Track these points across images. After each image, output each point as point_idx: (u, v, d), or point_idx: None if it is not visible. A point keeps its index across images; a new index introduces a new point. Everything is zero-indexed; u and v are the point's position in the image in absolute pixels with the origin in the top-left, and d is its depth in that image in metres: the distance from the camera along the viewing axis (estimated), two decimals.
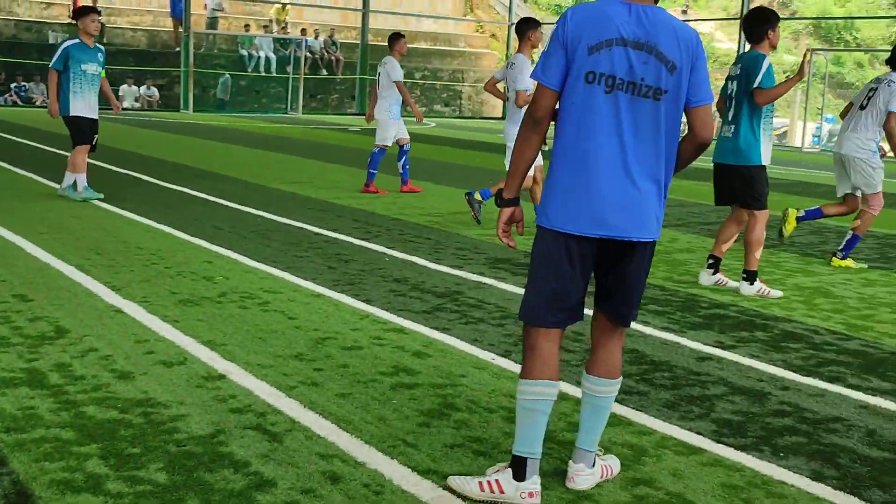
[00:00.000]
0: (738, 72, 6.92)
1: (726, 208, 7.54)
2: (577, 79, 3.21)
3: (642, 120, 3.20)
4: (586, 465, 3.49)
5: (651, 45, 3.17)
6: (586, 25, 3.19)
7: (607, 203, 3.22)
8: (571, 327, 5.60)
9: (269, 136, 21.24)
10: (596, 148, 3.22)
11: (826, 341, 5.74)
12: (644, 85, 3.17)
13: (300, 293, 6.27)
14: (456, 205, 10.99)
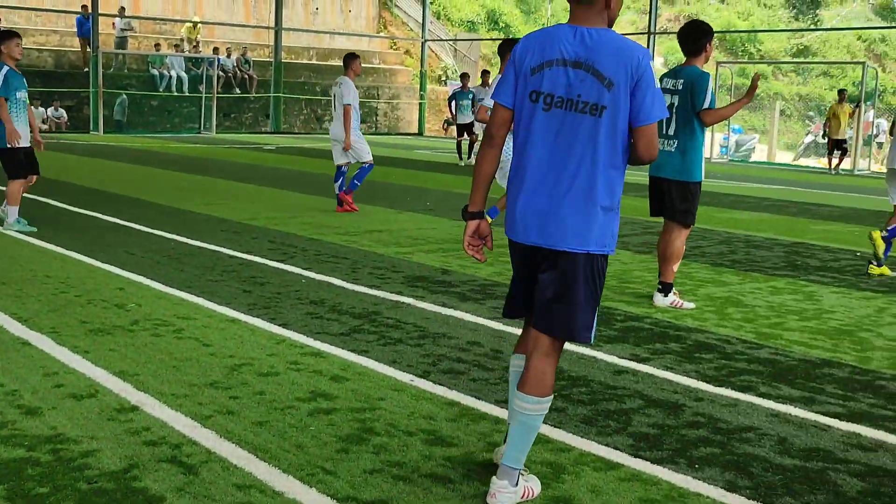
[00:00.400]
0: (679, 87, 6.91)
1: (637, 217, 7.64)
2: (523, 98, 3.46)
3: (580, 135, 3.37)
4: (510, 483, 3.49)
5: (589, 63, 3.35)
6: (532, 48, 3.45)
7: (528, 212, 3.45)
8: (491, 345, 5.65)
9: (182, 157, 20.93)
10: (527, 162, 3.46)
11: (737, 351, 5.87)
12: (580, 101, 3.36)
13: (215, 319, 6.17)
14: (374, 223, 10.97)
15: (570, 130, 3.37)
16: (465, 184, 16.33)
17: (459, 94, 21.40)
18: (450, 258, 8.80)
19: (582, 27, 3.40)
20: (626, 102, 3.35)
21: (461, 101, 21.21)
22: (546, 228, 3.41)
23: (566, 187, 3.38)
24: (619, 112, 3.35)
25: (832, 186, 19.61)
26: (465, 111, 21.14)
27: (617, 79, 3.33)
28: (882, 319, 6.89)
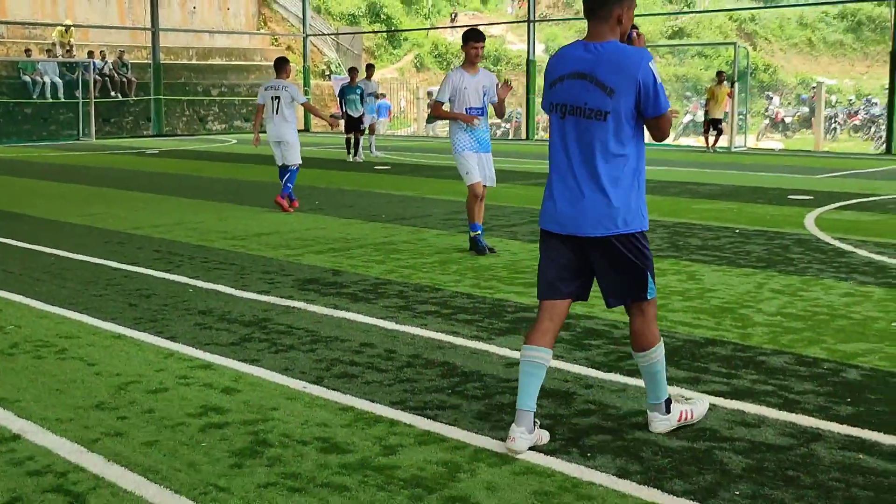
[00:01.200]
0: None
1: (525, 206, 7.73)
2: (548, 109, 4.10)
3: (591, 137, 3.93)
4: (660, 413, 4.24)
5: (593, 74, 3.90)
6: (553, 65, 4.08)
7: (558, 206, 4.04)
8: (384, 345, 5.63)
9: (60, 166, 20.29)
10: (554, 163, 4.09)
11: (624, 335, 5.98)
12: (587, 108, 3.92)
13: (100, 336, 6.01)
14: (262, 225, 10.84)
15: (582, 134, 3.94)
16: (353, 180, 16.27)
17: (347, 89, 21.05)
18: (340, 258, 8.75)
19: (591, 42, 3.97)
20: (629, 104, 3.89)
21: (349, 95, 20.87)
22: (575, 220, 3.98)
23: (586, 183, 3.95)
24: (620, 114, 3.89)
25: (711, 165, 20.19)
26: (353, 106, 20.81)
27: (617, 86, 3.87)
28: (761, 295, 7.13)
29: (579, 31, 54.64)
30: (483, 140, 8.95)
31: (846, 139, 36.47)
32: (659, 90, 3.90)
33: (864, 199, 13.28)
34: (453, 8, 53.79)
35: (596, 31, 3.98)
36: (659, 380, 4.25)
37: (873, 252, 8.95)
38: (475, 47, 8.78)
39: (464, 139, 8.88)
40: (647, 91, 3.88)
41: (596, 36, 3.97)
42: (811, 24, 60.80)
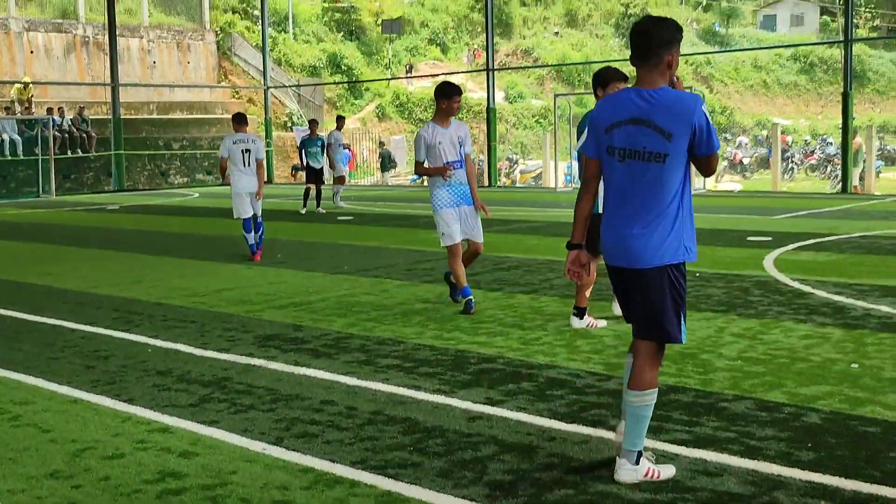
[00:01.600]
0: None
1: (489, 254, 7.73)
2: (603, 152, 4.29)
3: (649, 178, 4.15)
4: (629, 461, 4.27)
5: (650, 120, 4.12)
6: (604, 112, 4.30)
7: (608, 240, 4.31)
8: (345, 402, 5.56)
9: (19, 224, 20.09)
10: (610, 202, 4.32)
11: (587, 384, 5.99)
12: (646, 152, 4.14)
13: (55, 401, 5.90)
14: (222, 281, 10.76)
15: (640, 175, 4.16)
16: (315, 232, 16.24)
17: (308, 142, 20.93)
18: (301, 312, 8.70)
19: (644, 89, 4.19)
20: (684, 146, 4.12)
21: (310, 147, 20.76)
22: (620, 252, 4.25)
23: (638, 219, 4.18)
24: (678, 155, 4.13)
25: None
26: (315, 158, 20.69)
27: (675, 131, 4.10)
28: (722, 339, 7.16)
29: (538, 79, 55.40)
30: (464, 193, 8.53)
31: (803, 178, 37.07)
32: (711, 132, 4.16)
33: (822, 238, 13.44)
34: (409, 59, 54.23)
35: (647, 78, 4.21)
36: (642, 426, 4.29)
37: (832, 293, 9.04)
38: (450, 102, 8.43)
39: (442, 195, 8.48)
40: (701, 133, 4.13)
41: (648, 83, 4.20)
42: (765, 67, 62.04)
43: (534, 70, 55.71)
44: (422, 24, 59.40)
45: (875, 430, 4.95)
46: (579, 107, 49.12)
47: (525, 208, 20.88)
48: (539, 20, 64.18)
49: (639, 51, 4.21)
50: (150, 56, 39.68)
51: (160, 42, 40.21)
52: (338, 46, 52.59)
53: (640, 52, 4.21)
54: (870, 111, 57.99)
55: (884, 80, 62.95)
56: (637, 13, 62.05)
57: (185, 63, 41.05)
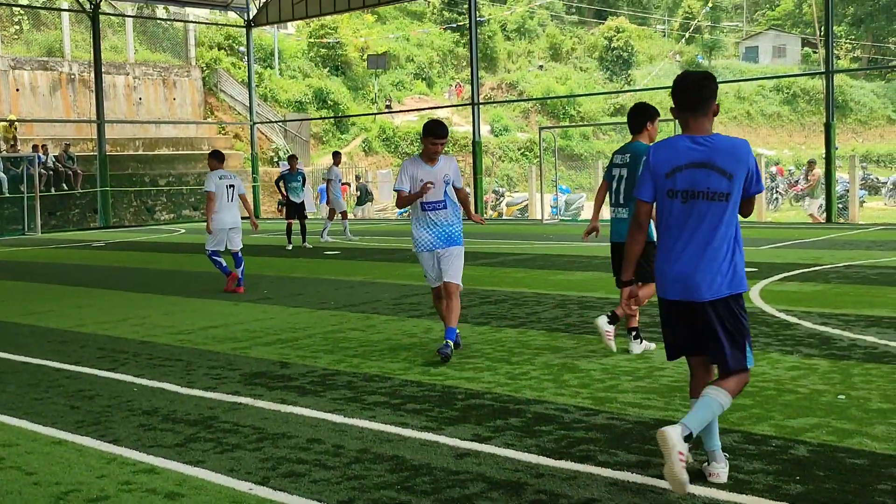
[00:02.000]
0: (627, 160, 7.77)
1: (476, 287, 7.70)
2: (662, 195, 4.67)
3: (711, 216, 4.56)
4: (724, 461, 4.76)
5: (712, 163, 4.56)
6: (663, 158, 4.66)
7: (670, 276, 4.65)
8: (332, 440, 5.53)
9: (4, 263, 19.99)
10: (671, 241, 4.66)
11: (575, 419, 5.98)
12: (710, 192, 4.55)
13: (39, 442, 5.85)
14: (209, 318, 10.72)
15: (703, 214, 4.56)
16: (301, 267, 16.21)
17: (288, 176, 20.86)
18: (288, 349, 8.67)
19: (697, 136, 4.61)
20: (741, 185, 4.57)
21: (290, 182, 20.71)
22: (686, 287, 4.59)
23: (701, 255, 4.56)
24: (736, 193, 4.57)
25: None
26: (295, 193, 20.71)
27: (735, 171, 4.54)
28: None
29: (522, 112, 55.70)
30: (444, 235, 8.13)
31: (788, 209, 37.26)
32: (759, 173, 4.64)
33: (807, 269, 13.50)
34: (388, 95, 54.44)
35: (697, 126, 4.65)
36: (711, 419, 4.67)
37: (817, 323, 9.06)
38: (435, 143, 8.00)
39: (421, 237, 8.18)
40: (752, 174, 4.60)
41: (700, 129, 4.65)
42: (749, 98, 62.55)
43: (519, 103, 56.05)
44: (407, 59, 59.73)
45: (863, 462, 4.95)
46: (564, 139, 49.40)
47: (512, 241, 20.91)
48: (523, 54, 64.64)
49: (690, 102, 4.64)
50: (136, 93, 39.78)
51: (146, 79, 40.32)
52: (324, 82, 52.80)
53: (691, 104, 4.64)
54: (853, 141, 58.51)
55: (865, 110, 63.57)
56: (620, 46, 62.61)
57: (171, 99, 41.15)
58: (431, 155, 8.07)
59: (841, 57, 66.67)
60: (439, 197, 8.09)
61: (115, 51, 42.31)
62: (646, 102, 8.12)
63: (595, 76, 61.78)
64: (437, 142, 8.02)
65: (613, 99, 57.60)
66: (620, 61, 62.81)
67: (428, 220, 8.14)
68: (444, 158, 8.15)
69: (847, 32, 70.61)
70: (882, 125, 63.38)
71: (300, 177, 20.87)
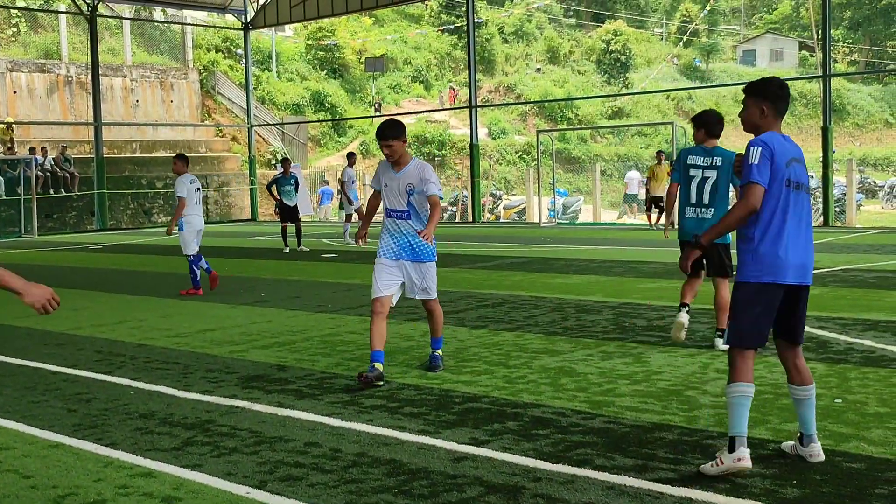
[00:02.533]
0: (718, 162, 8.13)
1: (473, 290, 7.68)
2: (779, 183, 4.94)
3: (805, 205, 5.06)
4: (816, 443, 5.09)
5: (801, 158, 5.09)
6: (780, 148, 4.96)
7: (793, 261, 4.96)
8: (329, 444, 5.53)
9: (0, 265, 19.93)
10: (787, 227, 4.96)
11: (572, 423, 5.98)
12: (804, 185, 5.05)
13: (36, 446, 5.84)
14: (206, 321, 10.71)
15: (805, 204, 5.04)
16: (298, 270, 16.20)
17: (281, 180, 20.49)
18: (285, 352, 8.66)
19: (785, 136, 5.05)
20: None
21: (283, 186, 20.41)
22: (804, 271, 5.00)
23: (808, 241, 5.03)
24: None
25: (654, 243, 20.44)
26: (288, 196, 20.48)
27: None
28: (706, 376, 7.17)
29: (520, 115, 55.75)
30: (408, 246, 7.48)
31: None
32: None
33: None
34: (375, 100, 54.40)
35: (779, 127, 5.10)
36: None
37: (814, 327, 9.07)
38: (383, 146, 7.41)
39: (384, 242, 7.56)
40: None
41: (779, 129, 5.10)
42: None
43: (516, 106, 56.09)
44: (405, 62, 59.78)
45: (859, 466, 4.95)
46: (562, 142, 49.43)
47: (509, 244, 20.93)
48: (521, 57, 64.70)
49: (784, 107, 5.11)
50: (133, 95, 39.77)
51: (143, 81, 40.32)
52: (321, 84, 52.82)
53: (784, 108, 5.12)
54: (850, 144, 58.60)
55: (863, 113, 63.66)
56: (618, 49, 62.67)
57: (169, 102, 41.15)
58: (389, 159, 7.46)
59: (838, 60, 66.75)
60: (402, 207, 7.45)
61: (113, 53, 42.32)
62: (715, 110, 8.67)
63: (593, 79, 61.83)
64: (384, 143, 7.35)
65: (611, 102, 57.61)
66: (618, 64, 62.87)
67: (392, 227, 7.52)
68: (416, 164, 7.48)
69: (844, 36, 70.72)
70: (879, 129, 63.48)
71: (293, 180, 20.66)
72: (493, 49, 62.43)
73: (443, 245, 20.85)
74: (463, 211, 36.58)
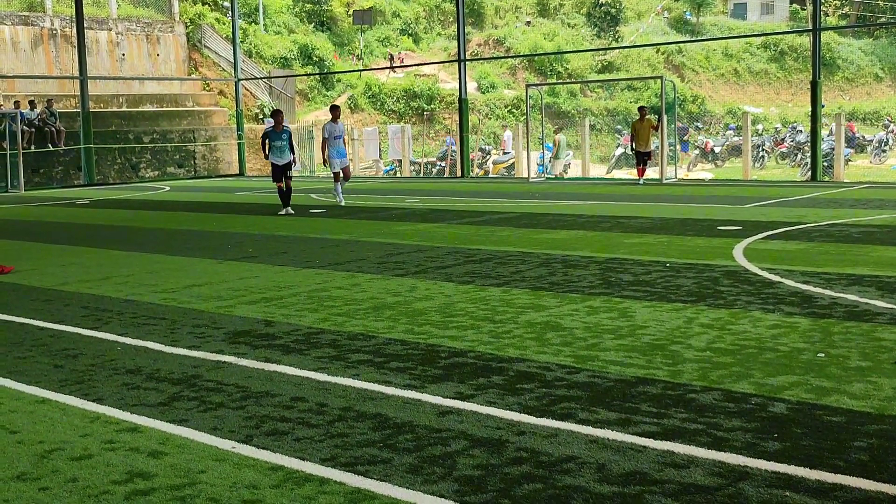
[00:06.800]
0: None
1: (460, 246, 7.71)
2: None
3: None
4: None
5: None
6: None
7: None
8: (316, 399, 5.55)
9: None
10: None
11: (557, 377, 6.01)
12: None
13: (23, 401, 5.86)
14: (193, 276, 10.70)
15: None
16: (286, 226, 16.17)
17: (273, 135, 18.74)
18: (272, 308, 8.67)
19: None
20: None
21: (275, 141, 18.64)
22: None
23: None
24: None
25: (642, 197, 20.46)
26: (279, 153, 18.65)
27: None
28: (691, 330, 7.21)
29: (509, 69, 55.39)
30: None
31: (774, 167, 37.33)
32: None
33: (791, 227, 13.55)
34: (388, 49, 53.95)
35: None
36: None
37: (799, 282, 9.12)
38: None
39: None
40: None
41: None
42: (736, 55, 62.30)
43: (506, 60, 55.70)
44: (393, 15, 59.18)
45: (840, 419, 5.00)
46: (551, 96, 49.17)
47: (497, 200, 20.90)
48: (511, 10, 64.12)
49: None
50: (119, 48, 39.32)
51: (129, 34, 39.84)
52: (309, 38, 52.31)
53: None
54: (840, 99, 58.45)
55: (853, 67, 63.45)
56: (608, 2, 62.16)
57: (155, 55, 40.71)
58: None
59: (829, 14, 66.36)
60: None
61: (98, 5, 41.73)
62: None
63: (583, 32, 61.36)
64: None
65: (601, 56, 57.26)
66: (608, 17, 62.36)
67: None
68: None
69: None
70: (869, 83, 63.31)
71: (286, 135, 18.78)
72: (483, 1, 61.83)
73: (431, 200, 20.82)
74: (451, 165, 36.45)
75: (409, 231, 14.67)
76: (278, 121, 19.07)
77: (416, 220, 16.29)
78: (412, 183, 29.64)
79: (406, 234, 14.31)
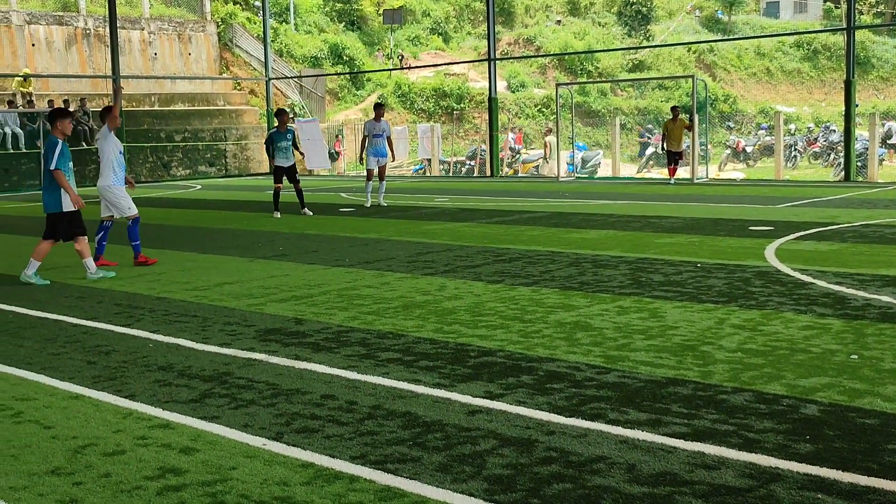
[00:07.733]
0: None
1: (489, 245, 7.71)
2: None
3: None
4: None
5: None
6: None
7: None
8: (346, 397, 5.57)
9: (20, 218, 20.11)
10: None
11: (587, 377, 6.00)
12: None
13: (57, 397, 5.93)
14: (224, 274, 10.77)
15: None
16: (316, 224, 16.23)
17: (276, 136, 18.14)
18: (303, 306, 8.71)
19: None
20: None
21: (279, 142, 18.05)
22: None
23: None
24: None
25: (673, 197, 20.34)
26: (283, 154, 18.12)
27: None
28: (722, 331, 7.17)
29: (539, 68, 55.29)
30: None
31: (806, 167, 36.96)
32: None
33: (824, 227, 13.43)
34: (401, 51, 53.91)
35: None
36: None
37: (832, 283, 9.04)
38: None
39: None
40: None
41: None
42: (769, 54, 61.79)
43: (536, 59, 55.59)
44: (423, 14, 59.21)
45: (873, 422, 4.96)
46: (581, 95, 49.02)
47: (527, 199, 20.86)
48: (541, 8, 63.95)
49: None
50: (152, 48, 39.63)
51: (161, 34, 40.15)
52: (340, 37, 52.46)
53: None
54: (874, 98, 57.81)
55: (888, 66, 62.71)
56: (640, 0, 61.86)
57: (187, 55, 41.00)
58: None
59: (863, 12, 65.65)
60: None
61: (130, 5, 42.09)
62: None
63: (613, 31, 61.09)
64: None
65: (632, 55, 56.99)
66: (639, 16, 62.05)
67: None
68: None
69: None
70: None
71: (290, 135, 18.25)
72: (513, 0, 61.73)
73: (460, 199, 20.83)
74: (481, 165, 36.41)
75: (438, 230, 14.69)
76: (282, 121, 18.36)
77: (445, 220, 16.30)
78: (441, 182, 29.65)
79: (435, 233, 14.32)
